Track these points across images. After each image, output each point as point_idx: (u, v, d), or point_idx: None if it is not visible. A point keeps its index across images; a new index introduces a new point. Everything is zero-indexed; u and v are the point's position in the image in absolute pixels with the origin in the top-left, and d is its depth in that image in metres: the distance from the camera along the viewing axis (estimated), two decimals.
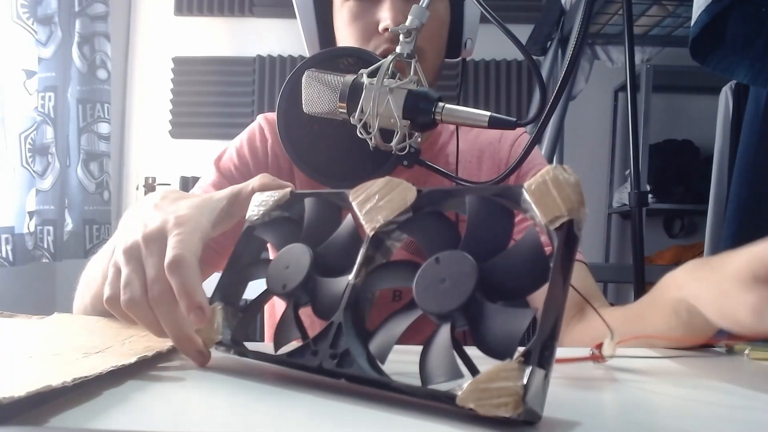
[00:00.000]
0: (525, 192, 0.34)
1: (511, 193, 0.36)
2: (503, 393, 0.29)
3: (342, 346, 0.37)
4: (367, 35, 0.74)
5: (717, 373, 0.48)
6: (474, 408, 0.30)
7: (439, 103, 0.57)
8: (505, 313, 0.32)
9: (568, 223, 0.32)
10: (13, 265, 2.03)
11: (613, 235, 2.82)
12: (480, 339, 0.33)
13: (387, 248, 0.42)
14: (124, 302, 0.43)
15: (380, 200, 0.41)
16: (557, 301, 0.31)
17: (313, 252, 0.43)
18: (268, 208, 0.49)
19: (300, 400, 0.36)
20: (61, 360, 0.41)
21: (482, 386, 0.30)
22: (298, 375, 0.40)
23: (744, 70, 0.99)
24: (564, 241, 0.32)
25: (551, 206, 0.33)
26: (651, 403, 0.38)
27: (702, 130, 2.55)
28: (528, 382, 0.29)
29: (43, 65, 2.18)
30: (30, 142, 2.12)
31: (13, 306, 0.65)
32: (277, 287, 0.43)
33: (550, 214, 0.33)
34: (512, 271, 0.34)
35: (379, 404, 0.34)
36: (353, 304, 0.39)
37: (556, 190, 0.33)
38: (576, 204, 0.32)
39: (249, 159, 0.81)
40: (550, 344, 0.30)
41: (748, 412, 0.36)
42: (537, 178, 0.34)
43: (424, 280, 0.35)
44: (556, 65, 2.06)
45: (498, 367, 0.30)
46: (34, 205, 2.14)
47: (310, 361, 0.38)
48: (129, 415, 0.32)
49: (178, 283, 0.41)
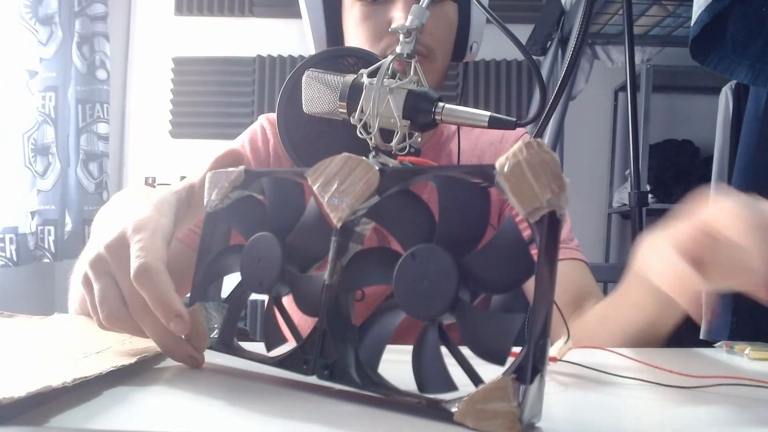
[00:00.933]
0: (497, 175, 0.32)
1: (484, 173, 0.33)
2: (499, 414, 0.29)
3: (332, 355, 0.36)
4: (378, 35, 0.75)
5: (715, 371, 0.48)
6: (472, 426, 0.30)
7: (439, 103, 0.57)
8: (495, 318, 0.32)
9: (549, 216, 0.30)
10: (16, 265, 2.03)
11: (613, 235, 2.82)
12: (472, 344, 0.32)
13: (358, 234, 0.40)
14: (104, 319, 0.42)
15: (342, 183, 0.38)
16: (546, 297, 0.30)
17: (282, 243, 0.42)
18: (225, 190, 0.47)
19: (299, 400, 0.36)
20: (61, 360, 0.41)
21: (478, 407, 0.30)
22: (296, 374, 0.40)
23: (744, 70, 0.99)
24: (546, 234, 0.30)
25: (528, 195, 0.30)
26: (639, 404, 0.38)
27: (702, 130, 2.55)
28: (523, 402, 0.29)
29: (44, 65, 2.18)
30: (32, 143, 2.12)
31: (13, 306, 0.65)
32: (254, 284, 0.43)
33: (529, 205, 0.30)
34: (493, 266, 0.32)
35: (378, 405, 0.34)
36: (334, 307, 0.38)
37: (531, 173, 0.30)
38: (556, 190, 0.30)
39: (251, 159, 0.81)
40: (543, 343, 0.30)
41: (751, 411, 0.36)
42: (510, 158, 0.31)
43: (403, 281, 0.34)
44: (556, 65, 2.06)
45: (492, 385, 0.30)
46: (35, 205, 2.14)
47: (302, 372, 0.38)
48: (129, 415, 0.32)
49: (148, 294, 0.40)
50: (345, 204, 0.38)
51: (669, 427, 0.33)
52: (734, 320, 1.17)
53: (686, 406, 0.38)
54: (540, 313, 0.30)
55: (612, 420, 0.34)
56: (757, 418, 0.35)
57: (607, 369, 0.45)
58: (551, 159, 0.30)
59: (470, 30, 0.80)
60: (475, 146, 0.84)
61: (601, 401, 0.38)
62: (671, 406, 0.37)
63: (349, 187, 0.38)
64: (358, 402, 0.35)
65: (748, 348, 0.53)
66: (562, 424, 0.32)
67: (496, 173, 0.32)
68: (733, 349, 0.55)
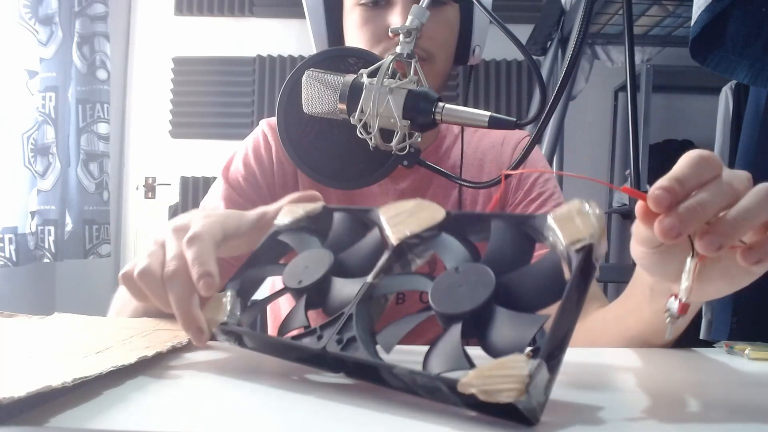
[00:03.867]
0: (550, 219, 0.36)
1: (536, 222, 0.37)
2: (507, 380, 0.29)
3: (348, 334, 0.37)
4: (377, 39, 0.75)
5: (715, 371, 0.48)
6: (475, 393, 0.29)
7: (439, 103, 0.57)
8: (515, 318, 0.33)
9: (588, 247, 0.33)
10: (16, 265, 2.03)
11: (613, 235, 2.82)
12: (487, 341, 0.33)
13: (407, 261, 0.42)
14: (139, 272, 0.45)
15: (410, 216, 0.43)
16: (569, 317, 0.32)
17: (334, 257, 0.44)
18: (298, 217, 0.50)
19: (300, 400, 0.36)
20: (61, 360, 0.41)
21: (486, 373, 0.30)
22: (298, 374, 0.40)
23: (744, 70, 0.99)
24: (582, 263, 0.33)
25: (574, 231, 0.34)
26: (642, 403, 0.38)
27: (702, 130, 2.55)
28: (533, 373, 0.29)
29: (45, 65, 2.18)
30: (32, 143, 2.12)
31: (13, 306, 0.65)
32: (293, 282, 0.44)
33: (573, 237, 0.34)
34: (529, 286, 0.34)
35: (378, 406, 0.34)
36: (367, 299, 0.39)
37: (579, 218, 0.35)
38: (598, 231, 0.33)
39: (255, 168, 0.80)
40: (558, 354, 0.30)
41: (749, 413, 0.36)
42: (563, 209, 0.36)
43: (442, 285, 0.36)
44: (556, 65, 2.06)
45: (506, 358, 0.30)
46: (35, 205, 2.14)
47: (314, 344, 0.38)
48: (129, 415, 0.32)
49: (193, 253, 0.44)
50: (407, 229, 0.42)
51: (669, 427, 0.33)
52: (734, 320, 1.17)
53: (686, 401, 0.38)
54: (561, 327, 0.31)
55: (611, 421, 0.34)
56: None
57: (604, 368, 0.45)
58: (599, 212, 0.34)
59: (473, 33, 0.79)
60: (476, 149, 0.84)
61: (600, 399, 0.38)
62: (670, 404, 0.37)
63: (415, 219, 0.42)
64: (359, 403, 0.35)
65: (748, 348, 0.53)
66: (562, 419, 0.32)
67: (549, 219, 0.36)
68: (733, 349, 0.55)
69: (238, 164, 0.81)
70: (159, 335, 0.50)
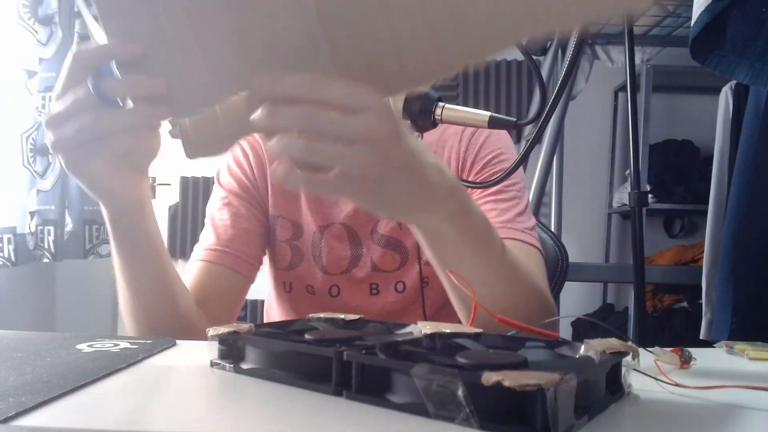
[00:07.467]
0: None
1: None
2: (537, 377, 0.28)
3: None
4: None
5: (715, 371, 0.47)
6: (500, 380, 0.28)
7: (439, 103, 0.57)
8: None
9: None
10: (15, 265, 2.03)
11: (613, 235, 2.82)
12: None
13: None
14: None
15: None
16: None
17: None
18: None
19: (300, 400, 0.36)
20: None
21: (514, 374, 0.29)
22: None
23: (744, 70, 0.99)
24: None
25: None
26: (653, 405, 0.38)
27: (702, 130, 2.55)
28: (566, 379, 0.29)
29: (44, 65, 2.18)
30: (31, 142, 2.12)
31: (12, 306, 0.65)
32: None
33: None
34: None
35: (379, 407, 0.34)
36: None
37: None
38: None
39: (240, 175, 0.85)
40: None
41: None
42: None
43: (470, 353, 0.38)
44: (556, 65, 2.06)
45: (536, 371, 0.30)
46: (34, 205, 2.14)
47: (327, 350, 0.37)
48: (128, 414, 0.32)
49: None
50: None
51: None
52: (734, 320, 1.17)
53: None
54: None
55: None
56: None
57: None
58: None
59: None
60: (440, 137, 0.83)
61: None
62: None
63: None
64: (363, 402, 0.35)
65: (748, 348, 0.53)
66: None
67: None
68: (733, 349, 0.55)
69: (226, 174, 0.87)
70: None
